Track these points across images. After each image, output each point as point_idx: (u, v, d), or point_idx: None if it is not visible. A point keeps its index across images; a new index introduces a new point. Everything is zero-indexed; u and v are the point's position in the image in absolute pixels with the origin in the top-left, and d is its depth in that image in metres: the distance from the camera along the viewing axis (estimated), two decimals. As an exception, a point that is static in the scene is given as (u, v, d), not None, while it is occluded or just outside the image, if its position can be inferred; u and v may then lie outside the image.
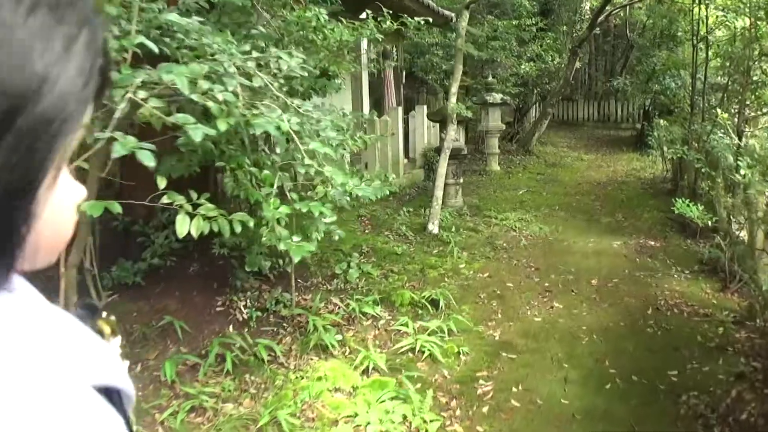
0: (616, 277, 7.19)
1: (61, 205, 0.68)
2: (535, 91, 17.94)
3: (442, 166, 8.73)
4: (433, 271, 7.07)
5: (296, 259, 2.86)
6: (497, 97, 14.44)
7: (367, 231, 8.73)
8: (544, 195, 12.14)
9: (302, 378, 4.80)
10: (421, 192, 11.61)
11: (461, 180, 10.62)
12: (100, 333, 0.94)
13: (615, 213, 10.66)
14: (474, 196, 11.61)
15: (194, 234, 3.29)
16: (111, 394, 0.67)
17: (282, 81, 3.17)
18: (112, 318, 1.01)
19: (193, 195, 3.40)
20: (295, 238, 2.98)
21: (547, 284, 6.92)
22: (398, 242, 8.12)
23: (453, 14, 12.68)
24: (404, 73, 14.71)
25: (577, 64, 16.82)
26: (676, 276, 7.31)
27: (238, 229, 3.24)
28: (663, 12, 15.32)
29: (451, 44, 13.95)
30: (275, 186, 3.06)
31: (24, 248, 0.61)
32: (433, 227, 8.51)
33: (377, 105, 14.08)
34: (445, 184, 10.38)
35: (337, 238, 4.24)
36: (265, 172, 3.09)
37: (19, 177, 0.58)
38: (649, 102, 17.61)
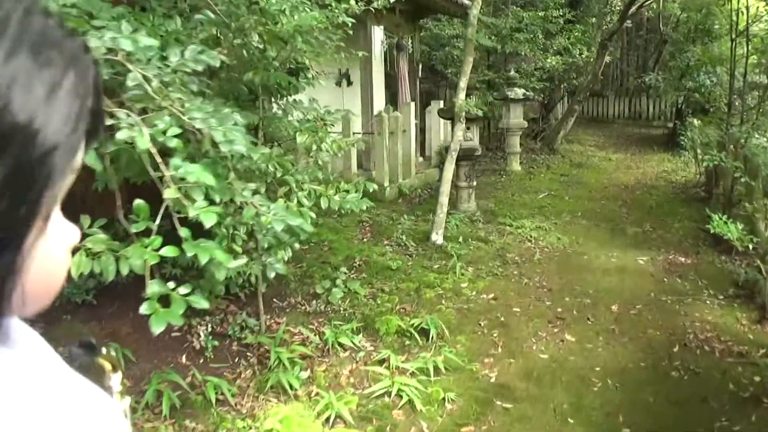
0: (639, 301, 6.31)
1: (51, 252, 0.64)
2: (562, 87, 16.97)
3: (448, 170, 7.88)
4: (429, 291, 6.25)
5: (155, 332, 2.10)
6: (519, 92, 13.55)
7: (365, 239, 7.95)
8: (567, 199, 11.23)
9: (250, 428, 4.04)
10: (435, 193, 10.70)
11: (474, 183, 9.76)
12: (101, 370, 0.94)
13: (643, 222, 9.73)
14: (490, 199, 10.75)
15: (74, 274, 2.54)
16: None
17: (173, 78, 2.39)
18: (113, 353, 1.01)
19: (85, 221, 2.64)
20: (183, 290, 2.21)
21: (559, 309, 6.07)
22: (397, 254, 7.31)
23: (471, 3, 11.81)
24: (420, 66, 13.86)
25: (607, 59, 15.85)
26: (708, 302, 6.41)
27: (125, 270, 2.48)
28: (698, 5, 14.29)
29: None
30: (159, 218, 2.29)
31: (10, 302, 0.59)
32: (437, 237, 7.69)
33: (394, 100, 13.28)
34: (457, 188, 9.59)
35: (273, 274, 3.46)
36: (138, 200, 2.33)
37: (3, 231, 0.56)
38: (682, 100, 16.69)
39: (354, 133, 10.53)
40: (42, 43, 0.57)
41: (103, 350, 0.99)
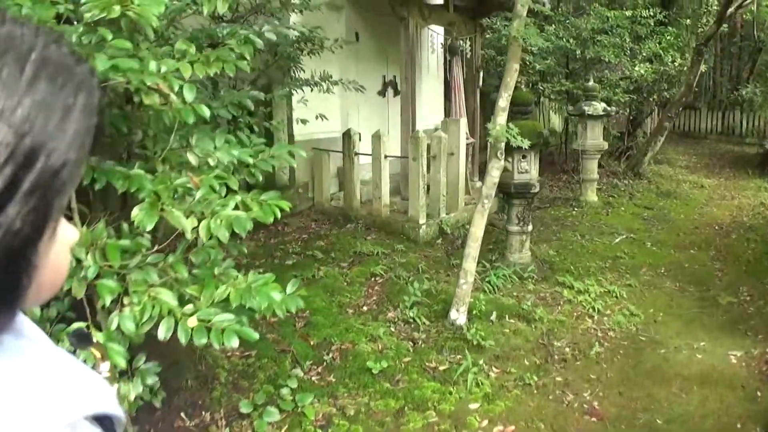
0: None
1: (58, 251, 0.69)
2: (652, 99, 14.54)
3: (477, 225, 5.75)
4: (417, 416, 4.27)
5: None
6: (599, 107, 11.32)
7: (365, 307, 6.03)
8: (648, 246, 8.98)
9: None
10: (487, 231, 8.70)
11: (529, 228, 7.62)
12: (93, 358, 1.10)
13: (738, 285, 7.41)
14: (552, 243, 8.65)
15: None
16: (103, 421, 0.68)
17: None
18: (102, 344, 1.17)
19: None
20: None
21: (608, 464, 4.01)
22: (395, 338, 5.36)
23: None
24: (481, 74, 11.80)
25: (702, 67, 13.34)
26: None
27: None
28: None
29: (550, 38, 10.98)
30: None
31: (26, 296, 0.64)
32: (458, 315, 5.66)
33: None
34: (508, 233, 7.57)
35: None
36: None
37: (22, 236, 0.60)
38: (778, 117, 14.46)
39: (386, 156, 8.64)
40: (58, 70, 0.62)
41: (95, 340, 1.12)
